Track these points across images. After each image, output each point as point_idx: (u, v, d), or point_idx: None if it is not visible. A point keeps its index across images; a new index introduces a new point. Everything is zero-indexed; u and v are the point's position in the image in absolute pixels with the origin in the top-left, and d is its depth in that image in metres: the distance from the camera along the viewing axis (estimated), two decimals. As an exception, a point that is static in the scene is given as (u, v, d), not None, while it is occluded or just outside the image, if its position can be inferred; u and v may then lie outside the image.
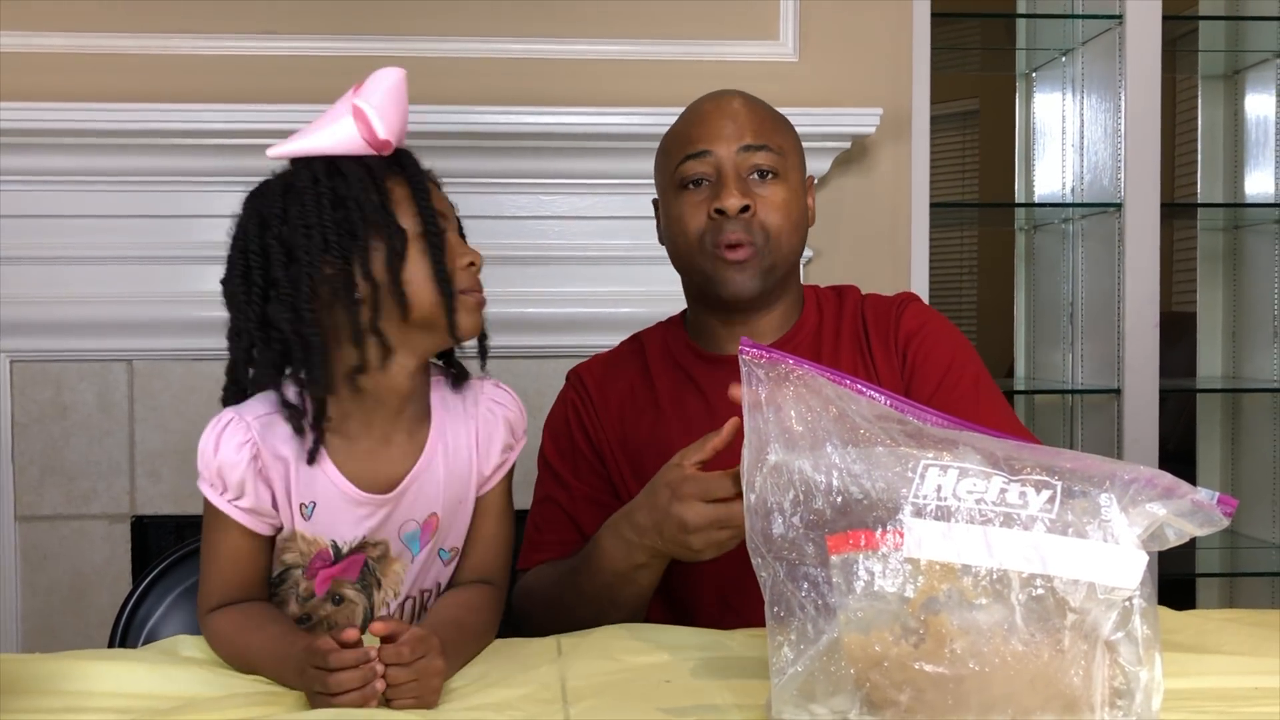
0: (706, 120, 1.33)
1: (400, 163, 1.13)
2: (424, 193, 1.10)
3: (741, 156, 1.29)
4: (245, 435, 1.09)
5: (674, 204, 1.34)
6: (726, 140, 1.30)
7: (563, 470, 1.39)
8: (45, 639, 2.06)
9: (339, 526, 1.12)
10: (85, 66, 2.07)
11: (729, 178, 1.29)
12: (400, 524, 1.14)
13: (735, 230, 1.28)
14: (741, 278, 1.29)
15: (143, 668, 1.01)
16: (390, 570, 1.17)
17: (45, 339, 2.07)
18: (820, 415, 0.84)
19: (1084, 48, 2.55)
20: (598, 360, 1.46)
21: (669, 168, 1.35)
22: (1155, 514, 0.78)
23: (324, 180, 1.08)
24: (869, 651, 0.77)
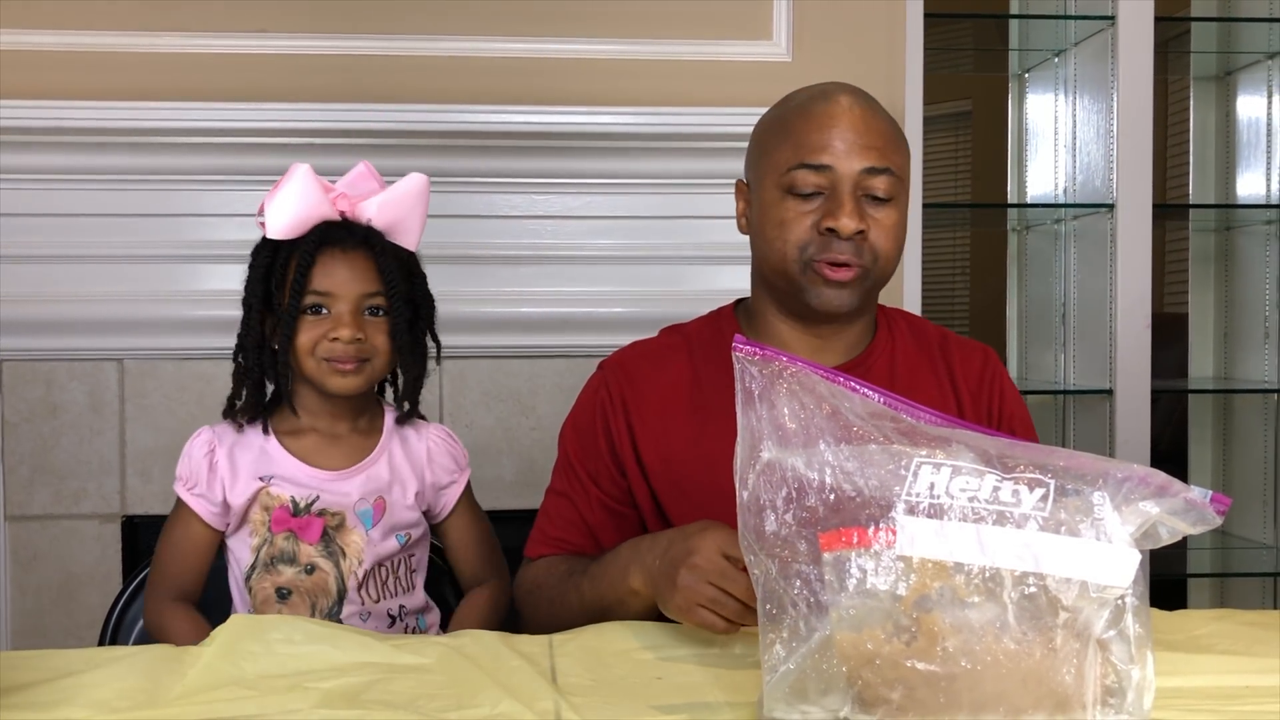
0: (830, 128, 1.24)
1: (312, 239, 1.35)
2: (300, 280, 1.34)
3: (862, 178, 1.23)
4: (208, 437, 1.40)
5: (777, 206, 1.26)
6: (849, 158, 1.23)
7: (581, 470, 1.35)
8: (35, 639, 2.05)
9: (296, 489, 1.39)
10: (74, 64, 2.06)
11: (845, 197, 1.22)
12: (353, 501, 1.39)
13: (844, 252, 1.23)
14: (841, 296, 1.25)
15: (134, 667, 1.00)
16: (350, 541, 1.39)
17: (35, 338, 2.06)
18: (813, 413, 0.84)
19: (1076, 49, 2.55)
20: (634, 353, 1.38)
21: (778, 165, 1.26)
22: (1148, 512, 0.78)
23: (258, 255, 1.38)
24: (861, 649, 0.77)
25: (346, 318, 1.35)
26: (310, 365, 1.36)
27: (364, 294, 1.36)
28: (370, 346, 1.36)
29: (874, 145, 1.24)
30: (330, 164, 2.06)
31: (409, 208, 1.40)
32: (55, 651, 1.05)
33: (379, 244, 1.37)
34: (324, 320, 1.35)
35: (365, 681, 0.98)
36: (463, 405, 2.17)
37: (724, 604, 1.04)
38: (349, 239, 1.36)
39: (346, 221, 1.37)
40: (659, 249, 2.18)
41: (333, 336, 1.34)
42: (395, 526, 1.42)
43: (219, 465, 1.38)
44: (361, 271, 1.36)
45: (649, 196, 2.17)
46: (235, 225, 2.09)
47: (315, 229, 1.35)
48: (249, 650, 1.02)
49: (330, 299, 1.35)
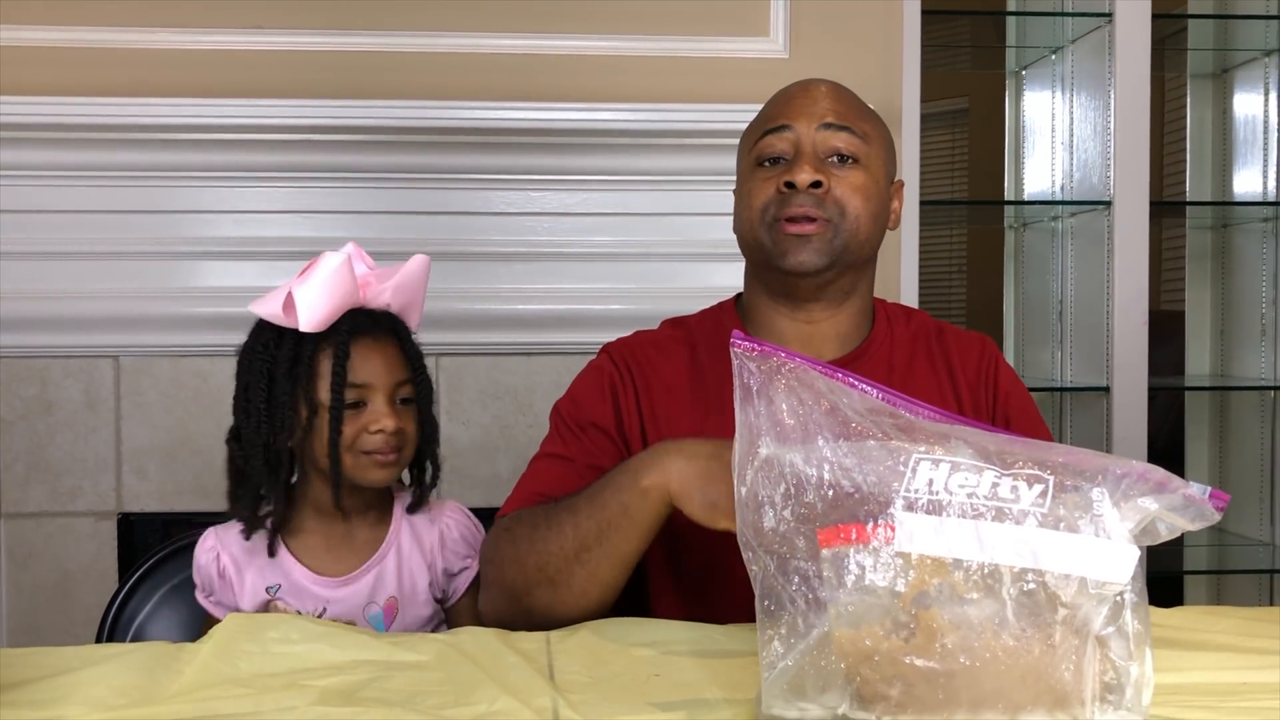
0: (790, 99, 1.29)
1: (344, 330, 1.30)
2: (341, 372, 1.29)
3: (821, 135, 1.25)
4: (212, 543, 1.37)
5: (747, 181, 1.29)
6: (807, 117, 1.26)
7: (579, 433, 1.30)
8: (30, 637, 2.05)
9: (303, 601, 1.34)
10: (69, 60, 2.06)
11: (805, 154, 1.24)
12: (363, 606, 1.35)
13: (803, 204, 1.23)
14: (806, 250, 1.23)
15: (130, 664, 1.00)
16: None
17: (31, 334, 2.05)
18: (812, 408, 0.83)
19: (1074, 46, 2.55)
20: (639, 341, 1.37)
21: (748, 146, 1.31)
22: (1147, 509, 0.78)
23: (270, 349, 1.31)
24: (859, 646, 0.77)
25: (385, 408, 1.31)
26: (348, 460, 1.30)
27: (397, 383, 1.33)
28: (405, 435, 1.33)
29: (834, 107, 1.26)
30: (327, 160, 2.08)
31: (416, 290, 1.37)
32: (51, 649, 1.05)
33: (403, 331, 1.35)
34: (362, 413, 1.30)
35: (362, 679, 0.97)
36: (459, 402, 2.17)
37: None
38: (377, 328, 1.33)
39: (369, 310, 1.34)
40: (656, 245, 2.18)
41: (375, 429, 1.30)
42: (407, 626, 1.37)
43: (227, 572, 1.35)
44: (392, 360, 1.33)
45: (646, 193, 2.16)
46: (232, 222, 2.09)
47: (344, 319, 1.31)
48: (245, 649, 1.02)
49: (368, 390, 1.31)
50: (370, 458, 1.31)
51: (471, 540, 1.40)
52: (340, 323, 1.30)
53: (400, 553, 1.37)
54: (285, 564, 1.35)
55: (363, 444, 1.30)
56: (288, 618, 1.09)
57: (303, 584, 1.34)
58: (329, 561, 1.36)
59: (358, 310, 1.33)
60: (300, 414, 1.30)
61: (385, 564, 1.36)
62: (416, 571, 1.37)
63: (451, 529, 1.39)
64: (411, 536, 1.38)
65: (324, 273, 1.29)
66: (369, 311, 1.34)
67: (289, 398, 1.29)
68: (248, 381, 1.32)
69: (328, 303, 1.29)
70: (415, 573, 1.37)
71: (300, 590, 1.34)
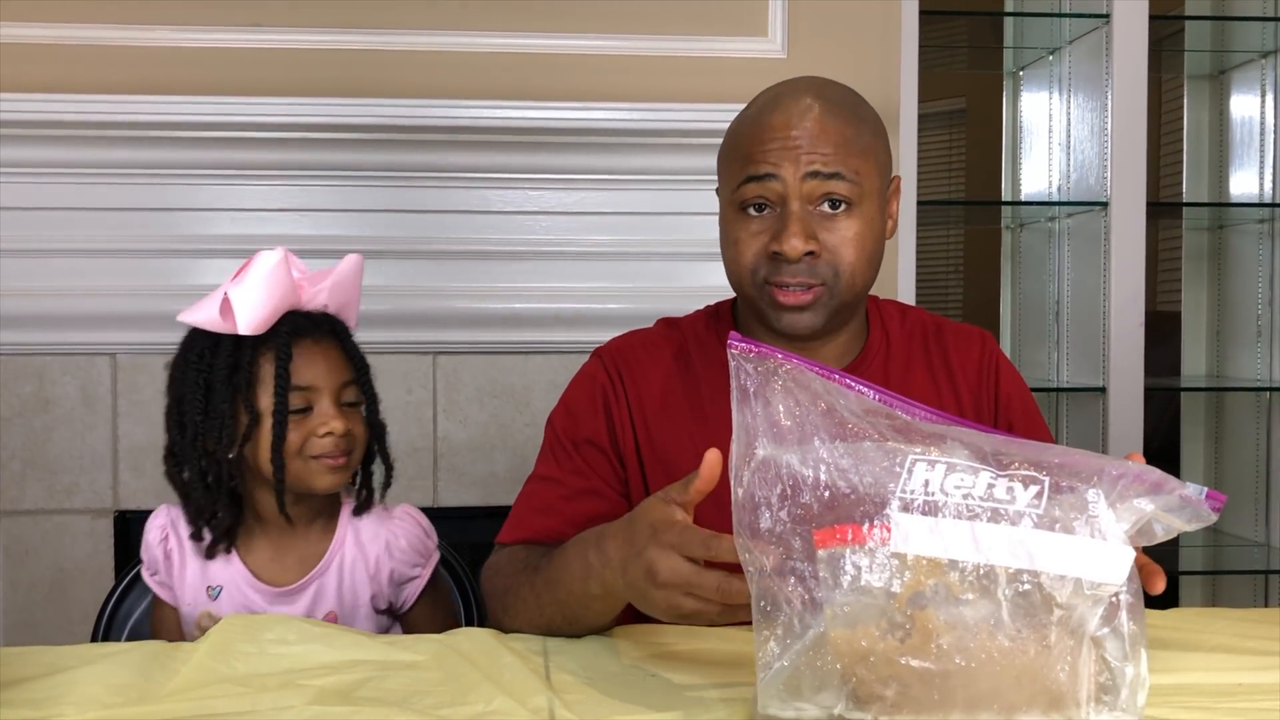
0: (775, 135, 1.17)
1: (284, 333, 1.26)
2: (284, 375, 1.24)
3: (809, 186, 1.16)
4: (163, 521, 1.35)
5: (731, 224, 1.22)
6: (791, 162, 1.16)
7: (573, 454, 1.28)
8: (26, 635, 2.05)
9: (241, 610, 1.30)
10: (67, 58, 2.06)
11: (792, 217, 1.16)
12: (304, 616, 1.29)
13: (797, 274, 1.17)
14: (802, 319, 1.19)
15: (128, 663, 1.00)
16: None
17: (28, 332, 2.05)
18: (809, 409, 0.83)
19: (1071, 47, 2.55)
20: (631, 342, 1.33)
21: (731, 181, 1.22)
22: (1143, 510, 0.78)
23: (206, 358, 1.27)
24: (855, 646, 0.77)
25: (332, 410, 1.27)
26: (297, 466, 1.26)
27: (341, 384, 1.29)
28: (354, 437, 1.29)
29: (822, 150, 1.16)
30: (324, 158, 2.07)
31: (351, 289, 1.34)
32: (46, 648, 1.05)
33: (343, 331, 1.32)
34: (307, 417, 1.26)
35: (359, 679, 0.97)
36: (456, 401, 2.17)
37: (707, 609, 0.92)
38: (317, 329, 1.29)
39: (306, 312, 1.30)
40: (653, 245, 2.18)
41: (324, 432, 1.26)
42: None
43: (173, 554, 1.33)
44: (335, 361, 1.29)
45: (643, 192, 2.17)
46: (228, 220, 2.09)
47: (283, 320, 1.27)
48: (242, 650, 1.02)
49: (313, 393, 1.27)
50: (320, 462, 1.27)
51: (421, 548, 1.36)
52: (279, 325, 1.26)
53: (343, 565, 1.33)
54: (232, 566, 1.32)
55: (311, 448, 1.27)
56: (285, 619, 1.08)
57: (244, 590, 1.31)
58: (274, 570, 1.33)
59: (295, 312, 1.29)
60: (240, 423, 1.26)
61: (327, 577, 1.33)
62: (359, 585, 1.33)
63: (399, 538, 1.35)
64: (356, 548, 1.34)
65: (260, 272, 1.24)
66: (306, 313, 1.30)
67: (229, 406, 1.26)
68: (181, 394, 1.28)
69: (266, 303, 1.24)
70: (357, 586, 1.33)
71: (241, 596, 1.31)
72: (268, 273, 1.24)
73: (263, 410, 1.26)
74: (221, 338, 1.26)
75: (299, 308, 1.29)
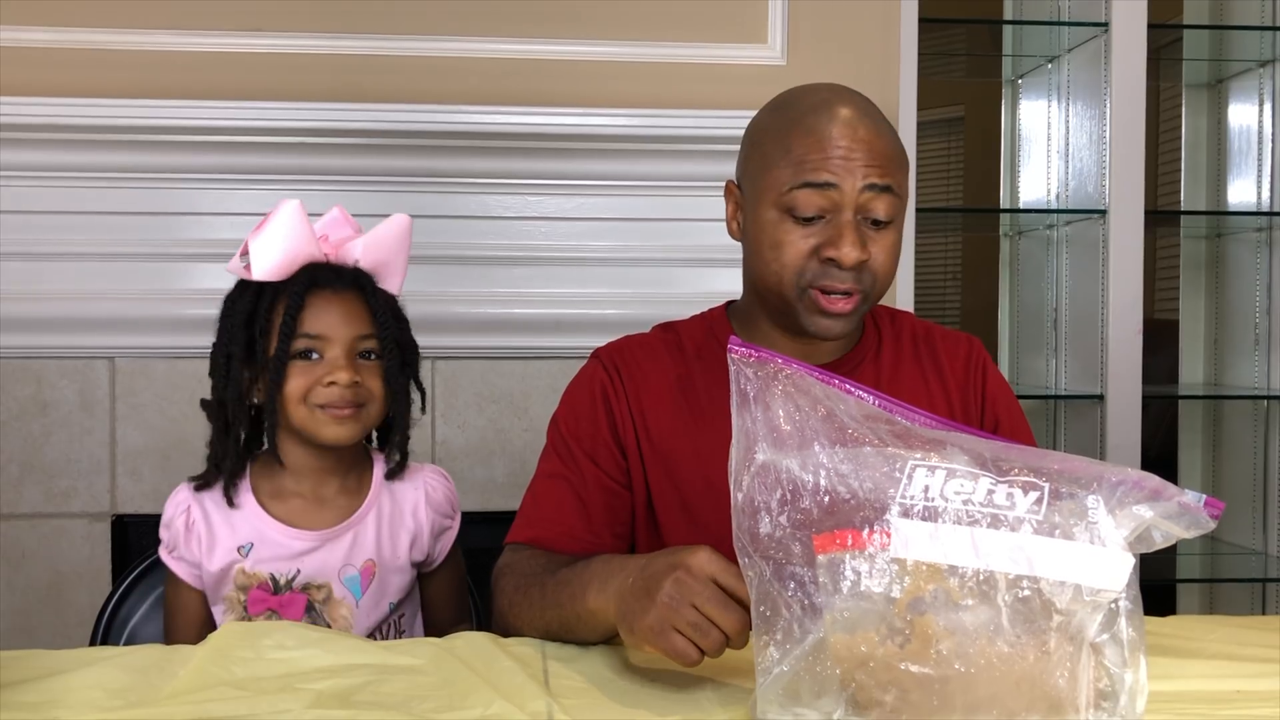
0: (834, 144, 1.18)
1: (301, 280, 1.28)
2: (291, 321, 1.26)
3: (865, 198, 1.19)
4: (184, 496, 1.34)
5: (774, 226, 1.22)
6: (851, 174, 1.18)
7: (577, 449, 1.28)
8: (24, 639, 2.04)
9: (276, 563, 1.31)
10: (67, 62, 2.06)
11: (847, 226, 1.18)
12: (339, 568, 1.32)
13: (845, 281, 1.20)
14: (838, 324, 1.22)
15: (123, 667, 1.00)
16: (337, 614, 1.32)
17: (26, 335, 2.05)
18: (809, 414, 0.84)
19: (1069, 55, 2.56)
20: (629, 344, 1.35)
21: (778, 183, 1.21)
22: (1142, 516, 0.78)
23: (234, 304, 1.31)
24: (854, 652, 0.77)
25: (342, 361, 1.27)
26: (302, 414, 1.27)
27: (357, 336, 1.29)
28: (366, 391, 1.29)
29: (877, 164, 1.19)
30: (324, 163, 2.07)
31: (393, 249, 1.34)
32: (44, 652, 1.05)
33: (369, 285, 1.32)
34: (316, 365, 1.27)
35: (357, 683, 0.97)
36: (455, 406, 2.17)
37: (706, 633, 0.90)
38: (338, 280, 1.30)
39: (334, 265, 1.31)
40: (652, 251, 2.18)
41: (328, 381, 1.26)
42: (386, 593, 1.34)
43: (196, 526, 1.31)
44: (354, 313, 1.29)
45: (643, 198, 2.17)
46: (228, 224, 2.09)
47: (303, 270, 1.28)
48: (240, 655, 1.02)
49: (323, 342, 1.27)
50: (325, 412, 1.27)
51: (454, 500, 1.39)
52: (299, 274, 1.28)
53: (380, 515, 1.34)
54: (259, 521, 1.31)
55: (316, 397, 1.27)
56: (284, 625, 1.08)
57: (276, 539, 1.30)
58: (309, 519, 1.32)
59: (321, 264, 1.30)
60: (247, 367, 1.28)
61: (364, 525, 1.33)
62: (398, 534, 1.34)
63: (436, 489, 1.37)
64: (391, 499, 1.35)
65: (276, 220, 1.27)
66: (334, 266, 1.31)
67: (240, 349, 1.28)
68: (215, 340, 1.32)
69: (281, 249, 1.26)
70: (396, 535, 1.34)
71: (273, 546, 1.30)
72: (281, 220, 1.27)
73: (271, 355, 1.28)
74: (248, 284, 1.29)
75: (329, 259, 1.31)
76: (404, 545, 1.35)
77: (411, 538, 1.35)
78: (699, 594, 0.91)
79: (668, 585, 0.92)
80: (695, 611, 0.91)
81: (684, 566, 0.92)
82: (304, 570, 1.31)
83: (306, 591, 1.31)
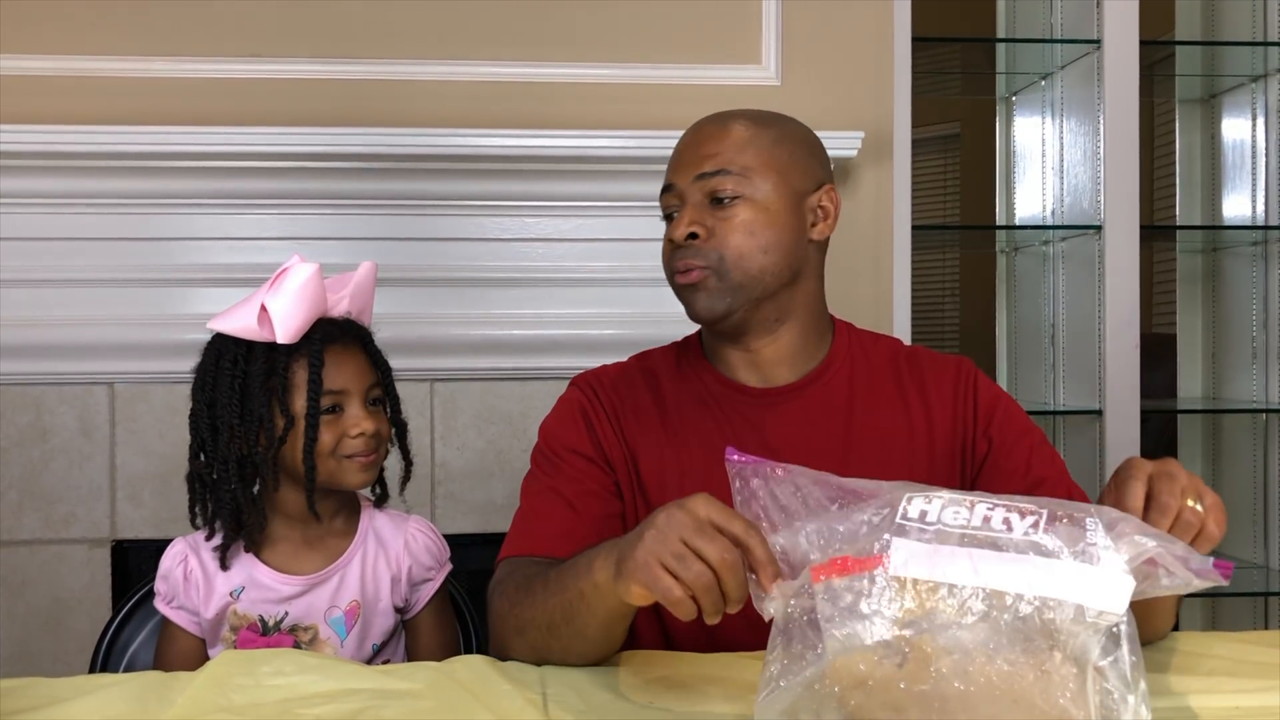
0: (676, 154, 1.34)
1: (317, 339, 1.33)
2: (317, 380, 1.31)
3: (697, 185, 1.29)
4: (181, 548, 1.38)
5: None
6: (685, 170, 1.30)
7: (564, 464, 1.31)
8: (23, 665, 2.04)
9: (265, 605, 1.36)
10: (65, 89, 2.07)
11: (683, 210, 1.29)
12: (325, 609, 1.36)
13: (683, 256, 1.28)
14: (698, 299, 1.29)
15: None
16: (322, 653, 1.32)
17: (25, 361, 2.05)
18: (808, 491, 0.88)
19: (1063, 72, 2.57)
20: (605, 372, 1.41)
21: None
22: (1144, 545, 0.79)
23: (240, 364, 1.32)
24: (854, 671, 0.77)
25: (362, 411, 1.35)
26: (330, 466, 1.33)
27: (368, 386, 1.37)
28: (381, 436, 1.37)
29: (710, 153, 1.29)
30: (322, 187, 2.08)
31: (369, 295, 1.43)
32: (44, 680, 1.05)
33: (366, 335, 1.39)
34: (340, 418, 1.34)
35: (356, 708, 0.97)
36: (454, 427, 2.17)
37: (689, 565, 0.88)
38: (345, 335, 1.36)
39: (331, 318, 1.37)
40: (649, 271, 2.17)
41: (356, 433, 1.33)
42: (369, 634, 1.38)
43: (193, 574, 1.36)
44: (362, 364, 1.37)
45: (639, 219, 2.17)
46: (226, 249, 2.10)
47: (315, 328, 1.34)
48: (239, 682, 1.01)
49: (344, 396, 1.34)
50: (352, 461, 1.34)
51: (435, 553, 1.42)
52: (312, 332, 1.33)
53: (365, 557, 1.39)
54: (250, 566, 1.36)
55: (344, 448, 1.34)
56: (281, 652, 1.08)
57: (266, 583, 1.35)
58: (297, 565, 1.37)
59: (323, 319, 1.36)
60: (277, 425, 1.32)
61: (350, 568, 1.38)
62: (380, 577, 1.39)
63: (417, 539, 1.41)
64: (377, 542, 1.40)
65: (295, 284, 1.31)
66: (333, 320, 1.37)
67: (265, 409, 1.31)
68: (213, 398, 1.33)
69: (300, 313, 1.31)
70: (379, 577, 1.39)
71: (263, 590, 1.35)
72: (302, 285, 1.31)
73: (297, 413, 1.32)
74: (254, 344, 1.32)
75: (326, 315, 1.37)
76: (386, 589, 1.39)
77: (392, 579, 1.39)
78: (686, 526, 0.90)
79: (659, 520, 0.93)
80: (681, 544, 0.90)
81: (679, 506, 0.93)
82: (291, 613, 1.36)
83: (294, 633, 1.36)
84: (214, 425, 1.33)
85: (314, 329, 1.34)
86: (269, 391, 1.31)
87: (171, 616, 1.38)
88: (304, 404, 1.32)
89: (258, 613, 1.35)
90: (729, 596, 0.89)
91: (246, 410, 1.32)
